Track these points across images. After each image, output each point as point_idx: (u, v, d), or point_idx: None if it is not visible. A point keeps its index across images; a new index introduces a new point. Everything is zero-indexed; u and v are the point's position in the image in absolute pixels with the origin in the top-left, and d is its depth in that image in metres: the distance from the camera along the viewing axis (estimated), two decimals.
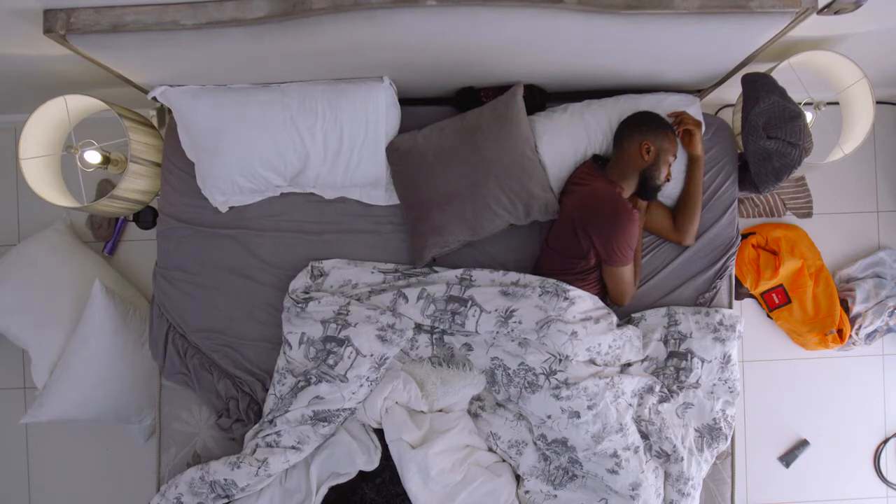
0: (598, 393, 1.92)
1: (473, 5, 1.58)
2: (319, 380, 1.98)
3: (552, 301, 1.98)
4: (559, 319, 1.95)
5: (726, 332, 2.09)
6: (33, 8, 1.60)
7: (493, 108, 2.10)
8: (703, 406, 2.07)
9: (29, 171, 2.14)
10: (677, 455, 2.00)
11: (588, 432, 1.92)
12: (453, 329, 2.05)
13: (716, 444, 2.08)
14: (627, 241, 1.96)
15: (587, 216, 1.99)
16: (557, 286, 2.00)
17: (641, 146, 2.00)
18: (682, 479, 2.01)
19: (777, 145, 2.05)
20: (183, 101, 2.05)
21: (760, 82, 2.09)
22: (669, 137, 2.02)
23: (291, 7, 1.58)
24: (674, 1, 1.60)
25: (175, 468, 2.13)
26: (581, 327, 1.96)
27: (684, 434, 2.05)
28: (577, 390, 1.91)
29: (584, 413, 1.91)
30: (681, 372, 2.07)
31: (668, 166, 2.04)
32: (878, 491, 2.80)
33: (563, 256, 2.06)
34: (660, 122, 2.03)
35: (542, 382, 1.93)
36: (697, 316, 2.12)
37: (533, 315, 1.96)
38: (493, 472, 2.00)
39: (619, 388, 1.97)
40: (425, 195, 2.10)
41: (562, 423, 1.93)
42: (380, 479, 2.01)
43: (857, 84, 2.18)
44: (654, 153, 2.00)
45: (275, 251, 2.21)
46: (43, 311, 2.34)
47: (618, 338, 2.02)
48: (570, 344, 1.93)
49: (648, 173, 2.02)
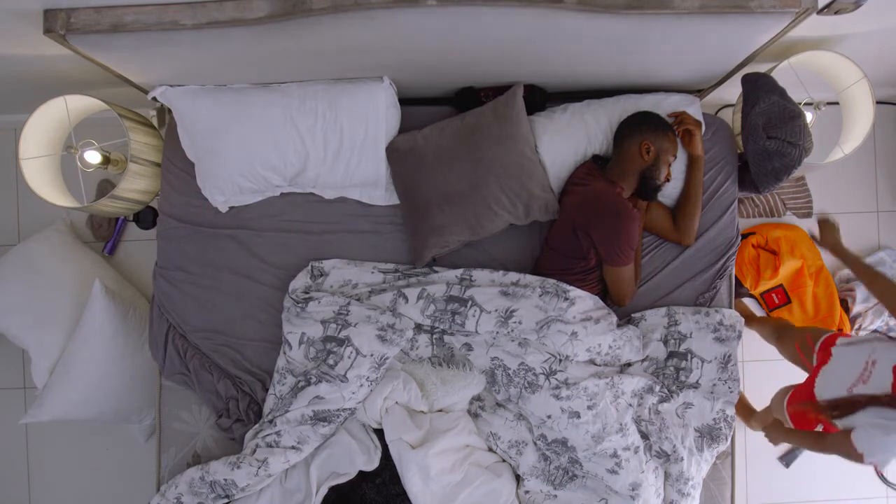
0: (598, 393, 1.92)
1: (474, 5, 1.58)
2: (319, 380, 1.97)
3: (552, 301, 1.98)
4: (559, 320, 1.95)
5: (727, 332, 2.09)
6: (33, 8, 1.60)
7: (493, 109, 2.10)
8: (703, 406, 2.07)
9: (29, 171, 2.14)
10: (677, 455, 2.00)
11: (588, 432, 1.92)
12: (453, 329, 2.05)
13: (716, 444, 2.07)
14: (628, 241, 1.96)
15: (587, 216, 1.99)
16: (557, 286, 2.00)
17: (641, 146, 2.00)
18: (682, 478, 2.01)
19: (777, 145, 2.04)
20: (183, 101, 2.05)
21: (760, 82, 2.08)
22: (669, 137, 2.02)
23: (291, 7, 1.57)
24: (674, 1, 1.59)
25: (175, 468, 2.13)
26: (581, 328, 1.96)
27: (684, 434, 2.04)
28: (577, 390, 1.91)
29: (584, 413, 1.91)
30: (681, 372, 2.07)
31: (668, 166, 2.04)
32: (878, 491, 2.80)
33: (563, 256, 2.06)
34: (660, 122, 2.03)
35: (542, 382, 1.93)
36: (697, 316, 2.12)
37: (533, 315, 1.96)
38: (494, 473, 2.00)
39: (619, 388, 1.97)
40: (425, 195, 2.10)
41: (562, 424, 1.93)
42: (380, 479, 2.01)
43: (857, 84, 2.18)
44: (654, 153, 2.00)
45: (275, 251, 2.21)
46: (43, 311, 2.34)
47: (618, 338, 2.02)
48: (570, 344, 1.93)
49: (648, 173, 2.02)
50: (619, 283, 2.04)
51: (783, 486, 2.78)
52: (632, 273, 2.04)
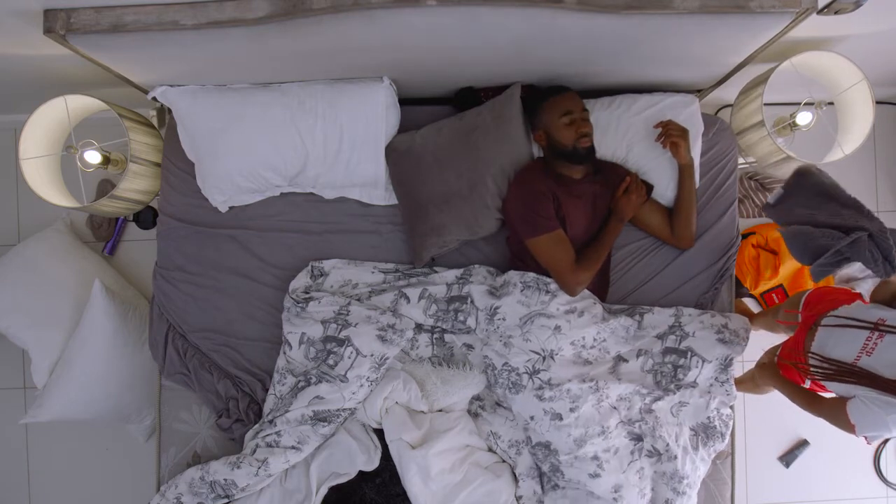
0: (580, 395, 1.91)
1: (473, 5, 1.58)
2: (319, 380, 1.98)
3: (534, 295, 1.98)
4: (542, 314, 1.95)
5: (731, 335, 2.05)
6: (33, 8, 1.60)
7: (491, 108, 2.10)
8: (699, 405, 2.05)
9: (29, 171, 2.14)
10: (671, 453, 1.99)
11: (570, 435, 1.91)
12: (455, 328, 2.06)
13: (712, 442, 2.05)
14: (524, 205, 1.97)
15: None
16: (538, 280, 2.00)
17: (536, 138, 2.07)
18: (677, 477, 1.99)
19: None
20: (183, 101, 2.05)
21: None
22: (545, 108, 2.03)
23: (291, 7, 1.57)
24: (673, 1, 1.59)
25: (175, 468, 2.13)
26: (565, 321, 1.95)
27: (678, 432, 2.03)
28: (559, 391, 1.90)
29: (567, 415, 1.90)
30: (679, 370, 2.03)
31: (566, 126, 2.00)
32: (878, 491, 2.80)
33: (515, 245, 2.11)
34: (533, 104, 2.06)
35: (525, 382, 1.93)
36: (704, 317, 2.10)
37: (516, 311, 1.97)
38: (493, 473, 2.00)
39: (604, 391, 1.95)
40: (424, 195, 2.10)
41: (544, 426, 1.93)
42: (380, 479, 2.02)
43: (857, 84, 2.18)
44: (544, 135, 2.04)
45: (275, 251, 2.21)
46: (43, 311, 2.34)
47: (602, 330, 2.01)
48: (553, 338, 1.93)
49: (554, 147, 2.04)
50: (542, 260, 1.99)
51: (783, 486, 2.78)
52: (553, 248, 1.96)
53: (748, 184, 2.77)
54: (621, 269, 2.20)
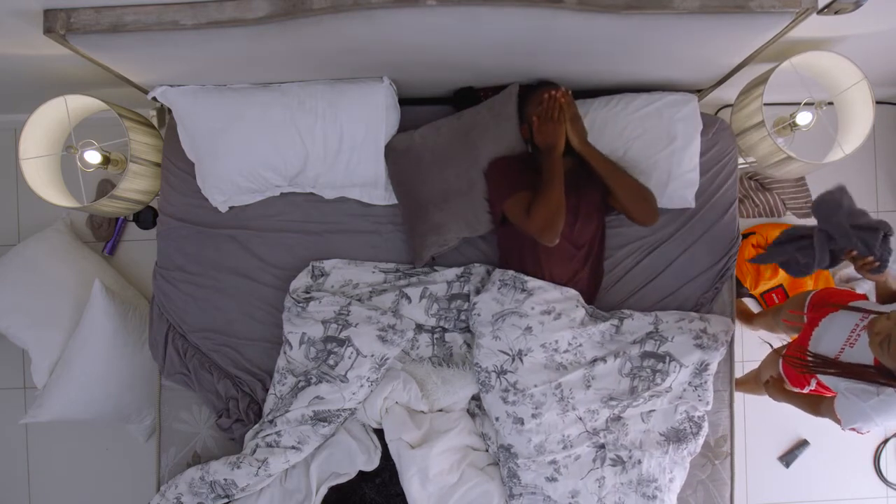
0: (543, 402, 1.90)
1: (473, 5, 1.58)
2: (320, 380, 1.98)
3: (509, 293, 1.97)
4: (515, 312, 1.94)
5: (708, 340, 2.00)
6: (33, 8, 1.60)
7: (490, 107, 2.11)
8: (667, 410, 2.00)
9: (29, 171, 2.14)
10: (633, 460, 1.94)
11: (531, 441, 1.90)
12: (458, 326, 2.06)
13: (683, 445, 1.99)
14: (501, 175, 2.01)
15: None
16: (515, 277, 2.00)
17: (521, 132, 2.09)
18: (644, 481, 1.94)
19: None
20: (183, 101, 2.05)
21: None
22: (528, 102, 2.05)
23: (291, 7, 1.57)
24: (674, 1, 1.59)
25: (175, 468, 2.13)
26: (538, 322, 1.94)
27: (643, 439, 1.97)
28: (523, 396, 1.90)
29: (528, 420, 1.90)
30: (657, 374, 1.97)
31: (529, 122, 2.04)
32: (878, 491, 2.80)
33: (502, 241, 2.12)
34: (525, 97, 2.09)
35: (493, 382, 1.93)
36: (682, 322, 2.05)
37: (490, 308, 1.97)
38: (489, 475, 2.00)
39: (569, 401, 1.93)
40: (423, 195, 2.10)
41: (507, 428, 1.93)
42: (380, 479, 2.02)
43: (857, 84, 2.18)
44: (528, 129, 2.05)
45: (275, 251, 2.21)
46: (43, 311, 2.34)
47: (578, 335, 1.98)
48: (523, 339, 1.93)
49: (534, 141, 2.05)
50: (518, 223, 1.95)
51: (783, 486, 2.78)
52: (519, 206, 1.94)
53: (748, 184, 2.77)
54: (621, 269, 2.20)
